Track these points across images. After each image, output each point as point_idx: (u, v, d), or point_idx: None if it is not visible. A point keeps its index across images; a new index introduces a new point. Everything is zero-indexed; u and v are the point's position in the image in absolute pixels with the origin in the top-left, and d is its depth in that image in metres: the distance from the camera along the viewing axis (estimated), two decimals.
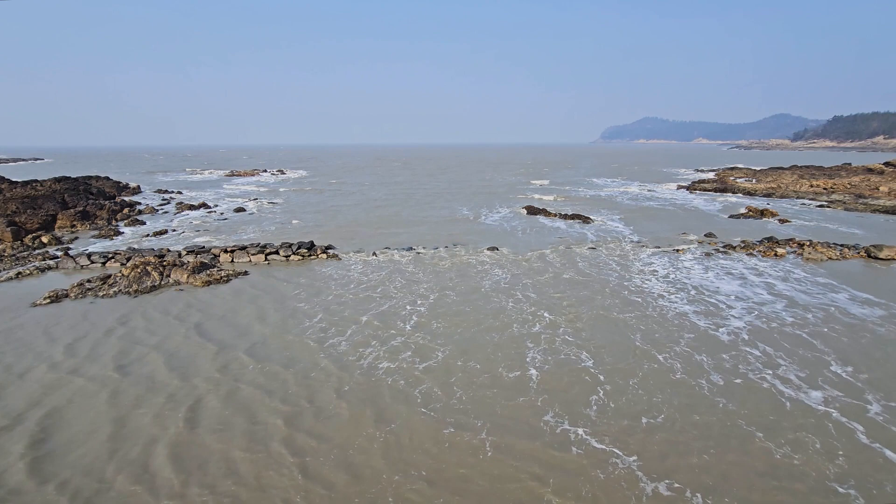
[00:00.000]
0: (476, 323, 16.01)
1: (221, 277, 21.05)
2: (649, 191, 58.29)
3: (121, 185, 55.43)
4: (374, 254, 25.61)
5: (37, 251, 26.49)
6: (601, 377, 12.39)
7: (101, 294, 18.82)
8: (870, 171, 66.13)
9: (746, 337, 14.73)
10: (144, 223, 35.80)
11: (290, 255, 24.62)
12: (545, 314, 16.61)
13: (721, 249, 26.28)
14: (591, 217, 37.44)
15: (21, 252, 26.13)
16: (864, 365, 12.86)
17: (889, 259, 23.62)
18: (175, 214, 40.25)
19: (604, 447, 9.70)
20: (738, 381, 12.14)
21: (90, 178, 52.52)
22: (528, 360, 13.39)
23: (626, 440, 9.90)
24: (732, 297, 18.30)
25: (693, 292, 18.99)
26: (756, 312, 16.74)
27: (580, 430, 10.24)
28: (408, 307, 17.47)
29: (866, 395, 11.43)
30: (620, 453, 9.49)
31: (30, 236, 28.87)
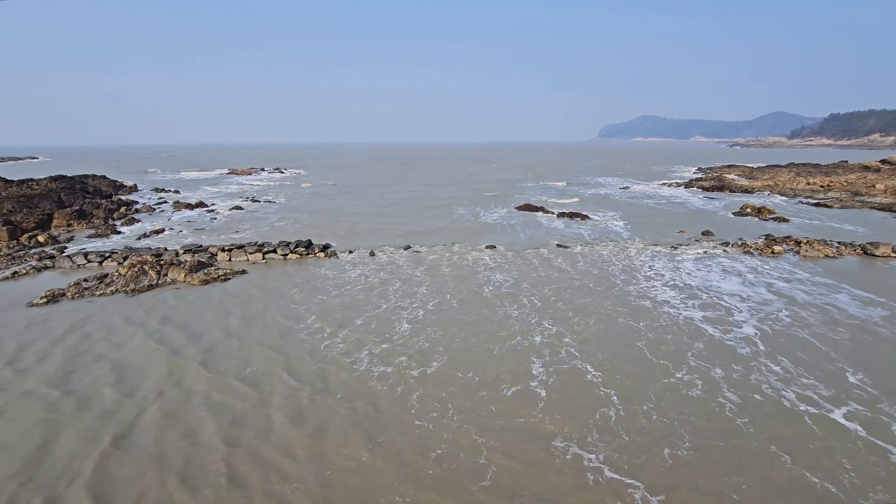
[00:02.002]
0: (475, 328, 15.51)
1: (219, 276, 20.99)
2: (647, 189, 58.38)
3: (118, 183, 55.22)
4: (372, 253, 25.58)
5: (33, 250, 26.37)
6: (613, 397, 11.43)
7: (97, 293, 18.75)
8: (866, 168, 66.35)
9: (760, 345, 14.03)
10: (141, 222, 35.67)
11: (287, 254, 24.57)
12: (547, 323, 15.81)
13: (719, 248, 26.35)
14: (589, 215, 37.48)
15: (17, 251, 26.01)
16: (878, 373, 12.40)
17: (885, 256, 23.72)
18: (172, 213, 40.12)
19: (622, 478, 8.78)
20: (756, 396, 11.45)
21: (87, 176, 52.30)
22: (531, 373, 12.61)
23: (645, 470, 8.99)
24: (737, 299, 17.98)
25: (696, 294, 18.63)
26: (761, 315, 16.38)
27: (593, 457, 9.32)
28: (405, 310, 17.26)
29: (886, 407, 10.91)
30: (641, 485, 8.60)
31: (26, 235, 28.73)
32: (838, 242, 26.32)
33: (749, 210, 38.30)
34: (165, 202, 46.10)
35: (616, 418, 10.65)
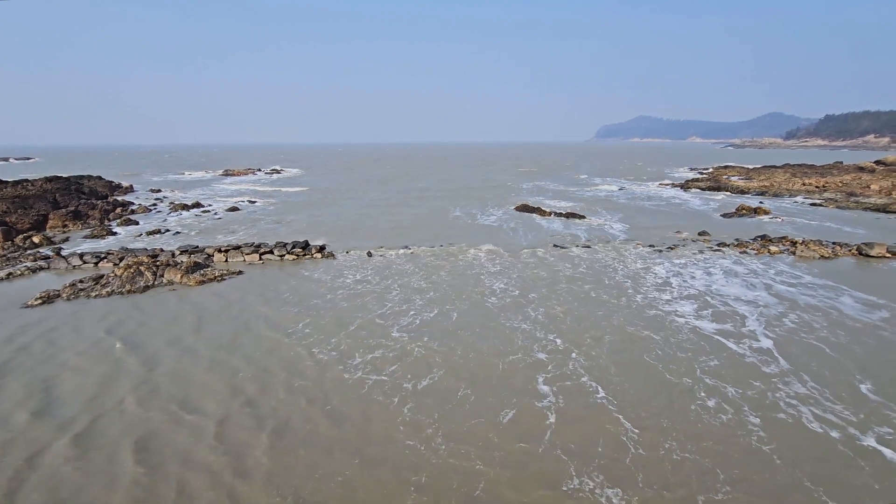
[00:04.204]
0: (474, 337, 15.03)
1: (215, 277, 20.92)
2: (644, 189, 58.56)
3: (113, 184, 54.94)
4: (370, 253, 25.55)
5: (28, 251, 26.20)
6: (627, 422, 10.48)
7: (93, 294, 18.65)
8: (861, 169, 66.76)
9: (777, 356, 13.52)
10: (137, 223, 35.51)
11: (284, 255, 24.50)
12: (551, 335, 15.07)
13: (716, 248, 26.44)
14: (587, 216, 37.55)
15: (12, 252, 25.84)
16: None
17: (880, 256, 23.85)
18: (168, 214, 39.97)
19: None
20: (781, 415, 10.71)
21: (82, 177, 52.00)
22: (536, 391, 11.77)
23: None
24: (740, 303, 17.65)
25: (699, 299, 18.17)
26: (766, 320, 16.05)
27: (611, 492, 8.43)
28: (403, 314, 16.94)
29: None
30: None
31: (21, 236, 28.56)
32: (833, 243, 26.46)
33: (745, 210, 38.46)
34: (162, 203, 45.92)
35: (633, 448, 9.66)
